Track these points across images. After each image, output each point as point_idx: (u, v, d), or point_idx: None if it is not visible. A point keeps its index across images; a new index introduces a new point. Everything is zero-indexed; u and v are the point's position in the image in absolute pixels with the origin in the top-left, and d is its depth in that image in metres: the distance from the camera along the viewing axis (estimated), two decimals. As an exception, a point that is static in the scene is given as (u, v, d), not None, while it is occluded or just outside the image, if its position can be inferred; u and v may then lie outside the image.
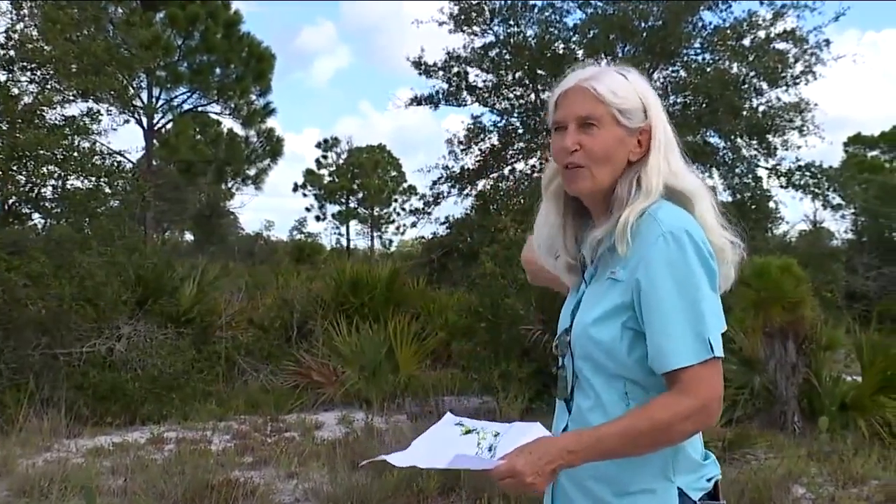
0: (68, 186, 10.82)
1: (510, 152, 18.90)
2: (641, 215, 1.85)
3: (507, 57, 18.34)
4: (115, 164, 11.68)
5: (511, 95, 18.99)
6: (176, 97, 26.28)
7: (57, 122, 10.85)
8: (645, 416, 1.76)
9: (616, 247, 1.86)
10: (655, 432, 1.76)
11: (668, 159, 1.92)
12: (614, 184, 1.92)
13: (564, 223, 2.03)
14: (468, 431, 1.85)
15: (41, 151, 10.26)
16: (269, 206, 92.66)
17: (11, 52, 10.66)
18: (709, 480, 1.93)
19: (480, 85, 18.90)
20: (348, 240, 48.80)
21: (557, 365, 1.96)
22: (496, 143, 18.99)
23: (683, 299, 1.79)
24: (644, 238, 1.83)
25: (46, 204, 10.90)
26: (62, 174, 10.64)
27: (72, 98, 11.35)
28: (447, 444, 1.82)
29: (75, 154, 10.63)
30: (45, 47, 10.84)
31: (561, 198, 2.02)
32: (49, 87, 11.09)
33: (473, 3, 18.27)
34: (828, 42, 17.72)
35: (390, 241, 50.10)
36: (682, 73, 18.16)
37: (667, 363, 1.78)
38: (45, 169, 10.50)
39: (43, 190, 10.80)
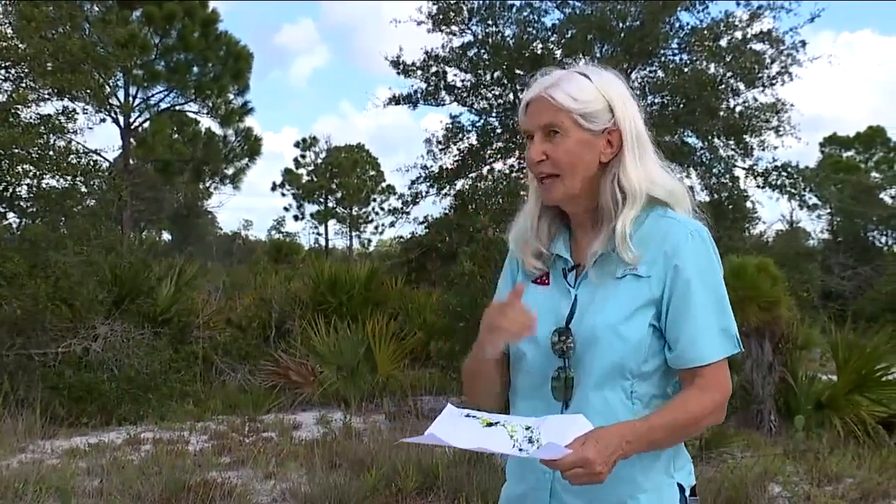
0: (43, 185, 10.73)
1: (489, 152, 18.88)
2: (644, 219, 1.91)
3: (486, 57, 18.32)
4: (91, 162, 11.58)
5: (489, 95, 18.98)
6: (153, 96, 26.14)
7: (32, 120, 10.76)
8: (683, 410, 1.83)
9: (621, 255, 1.88)
10: (690, 426, 1.86)
11: (642, 161, 1.94)
12: (589, 189, 1.94)
13: (540, 214, 2.04)
14: (489, 424, 1.79)
15: (16, 150, 10.18)
16: (247, 206, 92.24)
17: (-14, 50, 10.57)
18: (691, 474, 1.99)
19: (459, 84, 18.89)
20: (327, 239, 48.75)
21: (559, 366, 1.92)
22: (474, 142, 18.96)
23: (714, 295, 1.88)
24: (670, 236, 1.88)
25: (21, 203, 10.81)
26: (37, 173, 10.55)
27: (47, 96, 11.26)
28: (475, 435, 1.77)
29: (50, 153, 10.55)
30: (20, 45, 10.75)
31: (540, 197, 2.03)
32: (24, 85, 11.00)
33: (451, 2, 18.24)
34: (804, 43, 17.82)
35: (369, 241, 50.10)
36: (660, 74, 18.21)
37: (699, 357, 1.85)
38: (19, 168, 10.41)
39: (18, 189, 10.71)
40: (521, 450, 1.72)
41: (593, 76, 1.95)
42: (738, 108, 18.16)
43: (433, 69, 18.71)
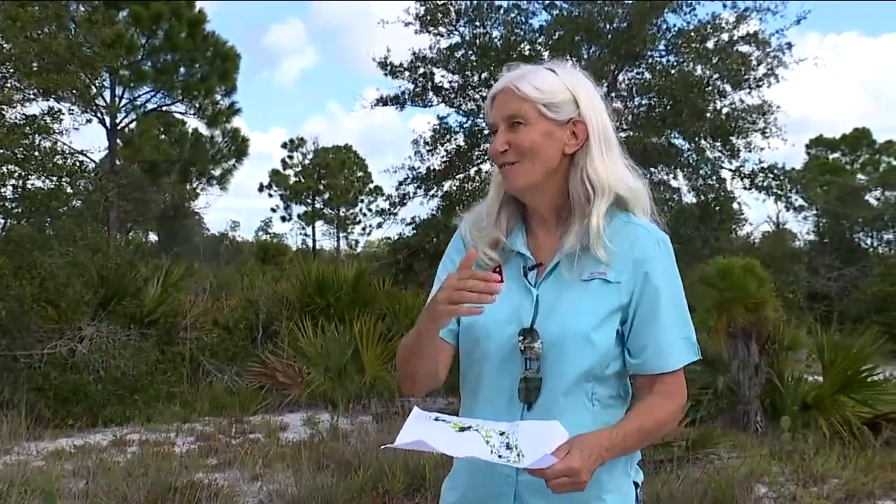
0: (29, 186, 10.66)
1: (476, 153, 18.85)
2: (609, 219, 1.91)
3: (473, 58, 18.32)
4: (77, 163, 11.51)
5: (477, 96, 18.95)
6: (139, 96, 25.98)
7: (17, 120, 10.69)
8: (651, 417, 1.88)
9: (594, 252, 1.88)
10: (655, 432, 1.92)
11: (610, 157, 1.95)
12: (553, 181, 1.94)
13: (501, 207, 2.03)
14: (462, 429, 1.77)
15: (1, 151, 10.12)
16: (235, 207, 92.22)
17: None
18: (639, 472, 2.05)
19: (446, 86, 18.88)
20: (314, 240, 48.67)
21: (526, 367, 1.91)
22: (462, 143, 18.95)
23: (678, 304, 1.92)
24: (639, 243, 1.90)
25: (6, 204, 10.74)
26: (22, 174, 10.49)
27: (32, 97, 11.22)
28: (452, 440, 1.74)
29: (36, 153, 10.49)
30: (5, 45, 10.71)
31: (503, 186, 2.02)
32: (9, 85, 10.95)
33: (439, 3, 18.25)
34: (790, 45, 17.87)
35: (356, 242, 50.08)
36: (647, 75, 18.23)
37: (665, 365, 1.89)
38: (4, 168, 10.34)
39: (3, 189, 10.65)
40: (500, 456, 1.70)
41: (559, 70, 1.97)
42: (724, 110, 18.20)
43: (421, 70, 18.71)
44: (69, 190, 11.04)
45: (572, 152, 1.93)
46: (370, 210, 46.96)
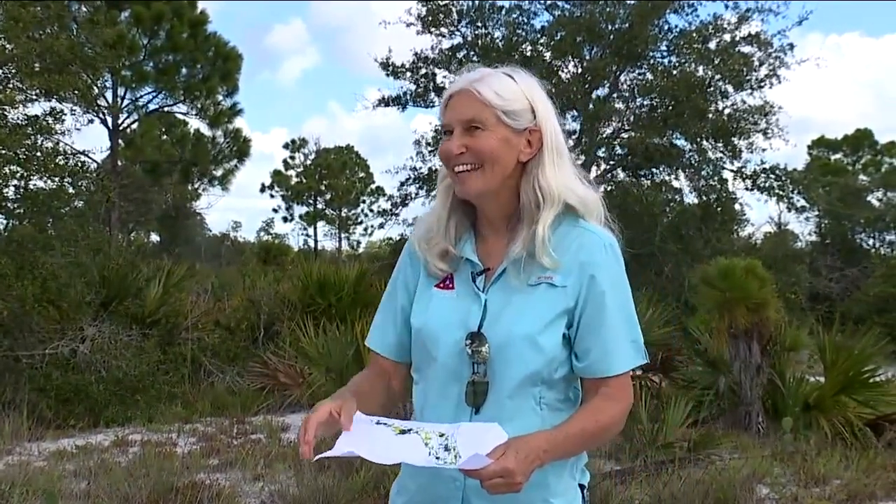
0: (31, 187, 10.67)
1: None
2: (557, 225, 1.91)
3: (475, 58, 18.35)
4: (79, 164, 11.51)
5: (479, 97, 18.98)
6: (141, 97, 25.96)
7: (19, 121, 10.70)
8: (594, 420, 1.88)
9: (539, 260, 1.88)
10: (599, 435, 1.92)
11: (560, 167, 1.95)
12: (506, 188, 1.94)
13: (449, 214, 2.02)
14: (402, 431, 1.77)
15: (3, 151, 10.13)
16: (236, 207, 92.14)
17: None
18: (585, 473, 2.05)
19: (448, 86, 18.93)
20: (316, 241, 48.66)
21: (473, 371, 1.90)
22: (464, 144, 18.97)
23: (625, 308, 1.92)
24: (587, 247, 1.90)
25: (8, 204, 10.75)
26: (25, 174, 10.50)
27: (35, 97, 11.21)
28: (390, 444, 1.74)
29: (38, 154, 10.49)
30: (7, 45, 10.71)
31: (450, 192, 2.01)
32: (11, 85, 10.95)
33: (441, 4, 18.28)
34: (791, 46, 17.97)
35: (358, 243, 50.08)
36: (649, 76, 18.27)
37: (610, 368, 1.89)
38: (7, 169, 10.36)
39: (5, 190, 10.66)
40: (437, 458, 1.70)
41: (517, 77, 1.98)
42: (726, 111, 18.24)
43: (422, 71, 18.77)
44: (71, 190, 11.06)
45: (526, 160, 1.94)
46: (372, 210, 47.02)
